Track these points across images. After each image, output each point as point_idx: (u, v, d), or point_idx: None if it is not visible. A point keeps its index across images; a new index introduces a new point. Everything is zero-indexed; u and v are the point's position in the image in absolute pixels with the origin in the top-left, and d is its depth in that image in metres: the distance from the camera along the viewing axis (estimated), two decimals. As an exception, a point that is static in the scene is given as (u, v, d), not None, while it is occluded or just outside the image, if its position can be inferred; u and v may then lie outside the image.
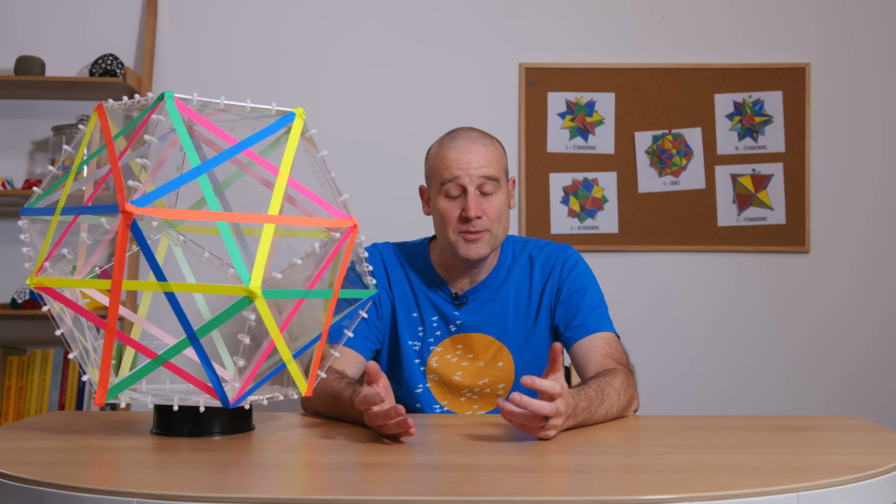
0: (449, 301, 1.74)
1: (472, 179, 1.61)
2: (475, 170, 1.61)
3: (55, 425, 1.35)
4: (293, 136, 1.24)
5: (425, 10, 2.74)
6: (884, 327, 2.72)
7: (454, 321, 1.73)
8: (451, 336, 1.73)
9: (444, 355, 1.72)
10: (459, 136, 1.66)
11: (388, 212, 2.63)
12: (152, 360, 1.17)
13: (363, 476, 1.03)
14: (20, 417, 2.53)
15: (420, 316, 1.74)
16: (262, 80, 2.71)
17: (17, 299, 2.52)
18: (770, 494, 0.92)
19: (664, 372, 2.72)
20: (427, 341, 1.73)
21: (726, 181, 2.71)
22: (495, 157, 1.66)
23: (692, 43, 2.75)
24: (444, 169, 1.63)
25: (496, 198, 1.64)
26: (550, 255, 1.77)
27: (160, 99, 1.19)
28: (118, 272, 1.09)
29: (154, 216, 1.12)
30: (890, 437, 1.27)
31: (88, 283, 1.19)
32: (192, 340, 1.14)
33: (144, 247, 1.10)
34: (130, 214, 1.08)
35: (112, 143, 1.19)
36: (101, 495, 0.91)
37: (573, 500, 0.89)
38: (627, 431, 1.38)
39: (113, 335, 1.13)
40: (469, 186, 1.61)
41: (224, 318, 1.14)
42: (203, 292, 1.15)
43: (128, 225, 1.08)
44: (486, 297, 1.73)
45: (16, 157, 2.69)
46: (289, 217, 1.20)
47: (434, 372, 1.71)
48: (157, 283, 1.12)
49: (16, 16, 2.71)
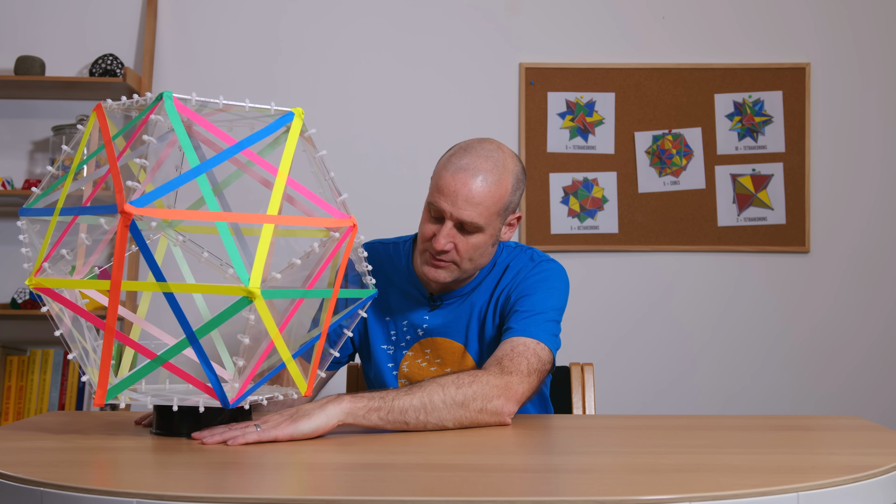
0: (424, 300, 1.68)
1: (453, 216, 1.50)
2: (459, 209, 1.50)
3: (55, 425, 1.35)
4: (292, 135, 1.24)
5: (425, 10, 2.74)
6: (883, 327, 2.72)
7: (421, 325, 1.67)
8: (419, 340, 1.68)
9: (414, 360, 1.68)
10: (465, 163, 1.53)
11: (386, 211, 2.63)
12: (152, 360, 1.17)
13: (363, 476, 1.03)
14: (20, 417, 2.53)
15: (392, 320, 1.69)
16: (261, 80, 2.71)
17: (17, 299, 2.52)
18: (770, 494, 0.92)
19: (664, 372, 2.71)
20: (399, 345, 1.69)
21: (726, 181, 2.70)
22: (490, 201, 1.52)
23: (692, 43, 2.75)
24: (436, 191, 1.54)
25: (475, 237, 1.53)
26: (522, 263, 1.66)
27: (159, 99, 1.19)
28: (117, 272, 1.09)
29: (153, 216, 1.12)
30: (890, 437, 1.27)
31: (87, 283, 1.19)
32: (192, 341, 1.14)
33: (143, 247, 1.10)
34: (129, 215, 1.08)
35: (111, 144, 1.19)
36: (101, 495, 0.91)
37: (573, 500, 0.89)
38: (627, 431, 1.38)
39: (112, 336, 1.13)
40: (448, 221, 1.51)
41: (223, 319, 1.13)
42: (202, 292, 1.15)
43: (126, 225, 1.08)
44: (456, 303, 1.66)
45: (16, 157, 2.69)
46: (288, 217, 1.20)
47: (405, 377, 1.67)
48: (157, 283, 1.12)
49: (16, 16, 2.71)
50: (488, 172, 1.52)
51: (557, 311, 1.58)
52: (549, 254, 1.75)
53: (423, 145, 2.70)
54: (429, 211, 1.55)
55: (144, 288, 1.12)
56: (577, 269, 2.58)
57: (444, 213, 1.51)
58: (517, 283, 1.61)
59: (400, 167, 2.66)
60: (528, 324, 1.51)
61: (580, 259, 2.69)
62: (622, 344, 2.72)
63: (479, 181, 1.50)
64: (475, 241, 1.53)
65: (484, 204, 1.51)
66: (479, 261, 1.58)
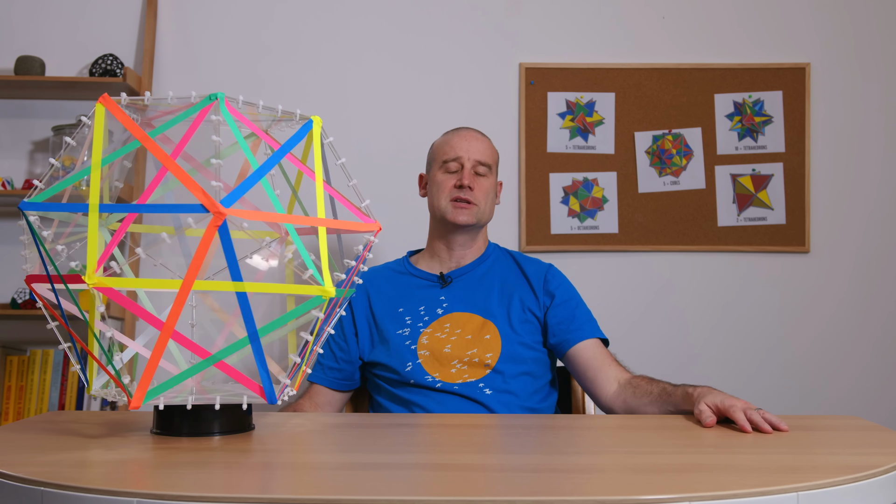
0: (434, 283, 1.93)
1: (470, 160, 1.92)
2: (473, 153, 1.92)
3: (55, 425, 1.35)
4: (316, 143, 1.27)
5: (425, 10, 2.74)
6: (884, 327, 2.72)
7: (440, 304, 1.89)
8: (438, 318, 1.87)
9: (433, 334, 1.85)
10: (462, 130, 1.99)
11: (386, 211, 2.63)
12: (204, 359, 1.17)
13: (363, 476, 1.03)
14: (20, 417, 2.53)
15: (406, 310, 1.89)
16: (262, 80, 2.71)
17: (17, 299, 2.52)
18: (770, 494, 0.92)
19: (663, 372, 2.71)
20: (416, 326, 1.86)
21: (726, 181, 2.70)
22: (490, 149, 1.98)
23: (692, 43, 2.75)
24: (448, 149, 1.94)
25: (486, 180, 1.93)
26: (537, 262, 2.00)
27: (211, 100, 1.19)
28: (192, 273, 1.09)
29: (243, 217, 1.14)
30: (890, 437, 1.27)
31: (160, 283, 1.16)
32: (253, 340, 1.16)
33: (229, 247, 1.11)
34: (222, 215, 1.09)
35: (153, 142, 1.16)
36: (101, 495, 0.91)
37: (573, 500, 0.89)
38: (627, 431, 1.38)
39: (168, 336, 1.12)
40: (466, 164, 1.91)
41: (291, 317, 1.21)
42: (279, 292, 1.20)
43: (217, 226, 1.09)
44: (471, 281, 1.93)
45: (16, 157, 2.69)
46: (335, 221, 1.26)
47: (425, 348, 1.83)
48: (232, 283, 1.13)
49: (16, 16, 2.71)
50: (480, 133, 2.00)
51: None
52: (549, 254, 2.00)
53: (422, 145, 2.68)
54: (445, 169, 1.93)
55: (219, 288, 1.13)
56: (576, 270, 2.58)
57: (461, 159, 1.92)
58: (556, 283, 1.94)
59: (399, 167, 2.66)
60: (594, 326, 1.90)
61: (580, 259, 2.69)
62: (622, 344, 2.71)
63: (479, 134, 1.99)
64: (487, 184, 1.93)
65: (488, 146, 1.97)
66: (490, 206, 1.95)
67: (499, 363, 1.80)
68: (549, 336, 1.88)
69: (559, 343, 1.87)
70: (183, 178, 1.11)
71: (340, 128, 2.69)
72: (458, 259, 1.96)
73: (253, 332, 1.15)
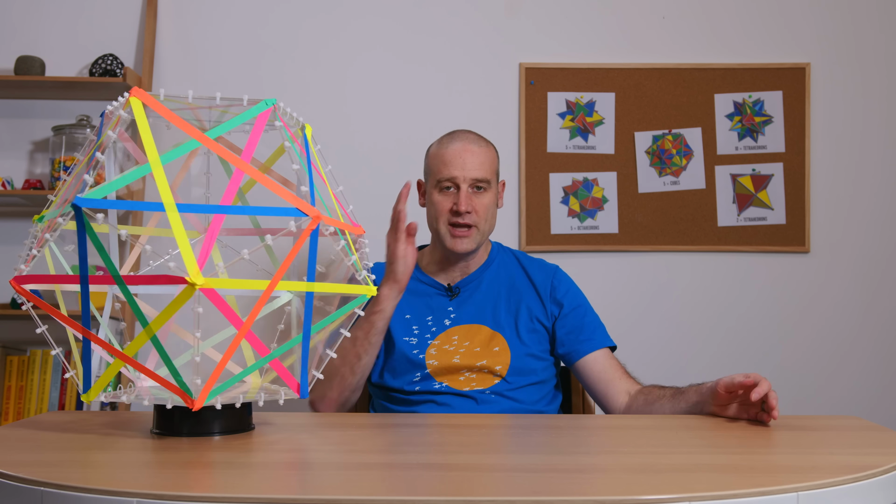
0: (442, 293, 1.88)
1: (466, 179, 1.79)
2: (469, 171, 1.79)
3: (55, 425, 1.35)
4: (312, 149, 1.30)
5: (425, 10, 2.74)
6: (884, 328, 2.72)
7: (448, 316, 1.85)
8: (446, 330, 1.84)
9: (441, 346, 1.82)
10: (458, 138, 1.84)
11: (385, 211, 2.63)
12: (263, 357, 1.18)
13: (363, 476, 1.03)
14: (20, 417, 2.53)
15: (413, 317, 1.85)
16: (262, 80, 2.71)
17: (17, 299, 2.52)
18: (770, 494, 0.92)
19: (663, 372, 2.71)
20: (424, 337, 1.83)
21: (726, 181, 2.70)
22: (489, 160, 1.83)
23: (692, 43, 2.75)
24: (442, 167, 1.81)
25: (485, 196, 1.82)
26: (543, 264, 1.95)
27: (267, 105, 1.20)
28: (279, 273, 1.11)
29: (330, 224, 1.18)
30: (890, 437, 1.27)
31: (257, 283, 1.14)
32: (305, 337, 1.20)
33: (314, 248, 1.14)
34: (318, 218, 1.10)
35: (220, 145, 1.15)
36: (101, 495, 0.91)
37: (573, 500, 0.89)
38: (627, 431, 1.38)
39: (243, 334, 1.13)
40: (462, 185, 1.79)
41: (337, 316, 1.26)
42: (337, 292, 1.27)
43: (313, 228, 1.12)
44: (478, 290, 1.88)
45: (16, 157, 2.69)
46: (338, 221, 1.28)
47: (433, 358, 1.81)
48: (305, 283, 1.16)
49: (16, 16, 2.71)
50: (478, 138, 1.86)
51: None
52: (549, 254, 1.95)
53: (422, 145, 2.67)
54: (440, 188, 1.81)
55: (293, 288, 1.16)
56: (576, 270, 2.58)
57: (456, 180, 1.79)
58: (564, 290, 1.90)
59: (399, 167, 2.66)
60: (604, 335, 1.89)
61: (580, 259, 2.69)
62: (622, 344, 2.70)
63: (475, 144, 1.83)
64: (486, 201, 1.82)
65: (486, 161, 1.82)
66: (491, 222, 1.85)
67: (508, 374, 1.80)
68: (558, 346, 1.86)
69: (568, 353, 1.85)
70: (271, 185, 1.13)
71: (340, 127, 2.69)
72: (462, 269, 1.91)
73: (308, 330, 1.20)
